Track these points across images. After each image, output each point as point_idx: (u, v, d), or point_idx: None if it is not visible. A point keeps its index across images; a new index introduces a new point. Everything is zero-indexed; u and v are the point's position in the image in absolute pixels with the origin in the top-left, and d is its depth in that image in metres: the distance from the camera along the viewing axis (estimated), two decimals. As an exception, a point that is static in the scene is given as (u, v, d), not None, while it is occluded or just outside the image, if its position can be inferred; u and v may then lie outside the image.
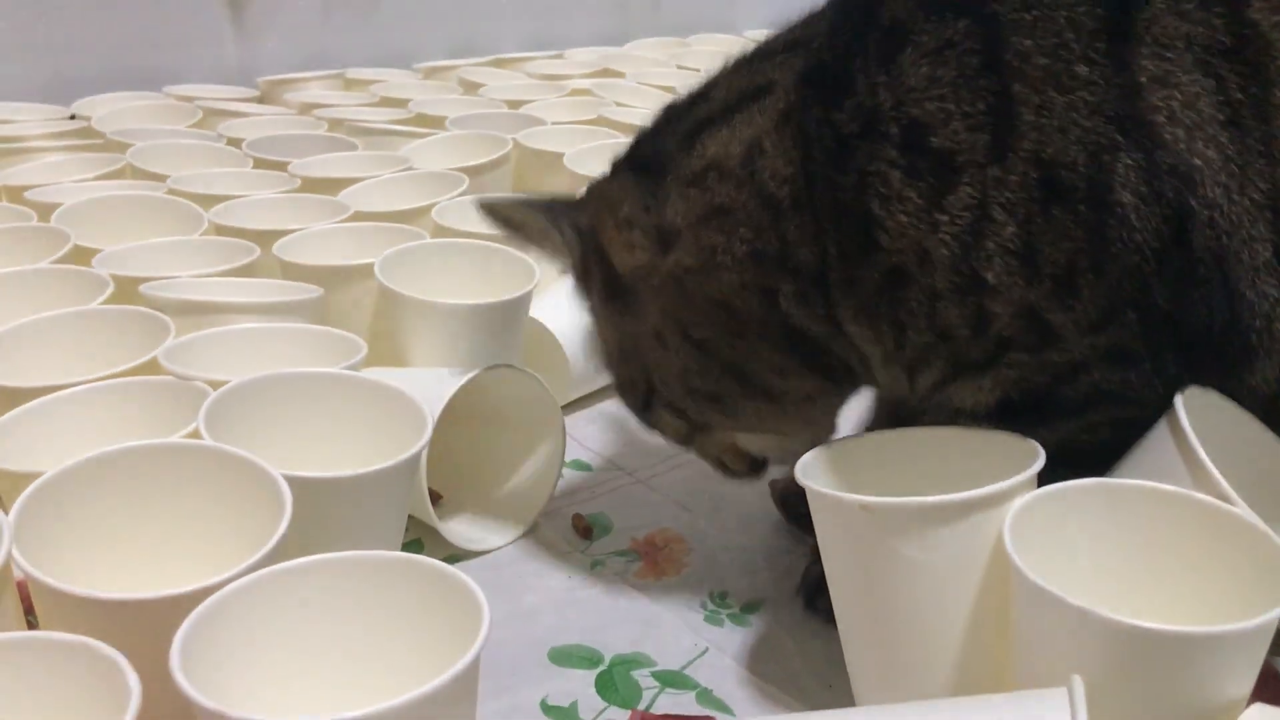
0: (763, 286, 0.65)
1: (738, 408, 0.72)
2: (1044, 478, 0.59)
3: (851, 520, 0.59)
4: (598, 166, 1.30)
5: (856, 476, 0.65)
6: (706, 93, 0.71)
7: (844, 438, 0.68)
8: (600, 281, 0.72)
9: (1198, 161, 0.57)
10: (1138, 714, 0.51)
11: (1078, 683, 0.48)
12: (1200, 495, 0.56)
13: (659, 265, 0.68)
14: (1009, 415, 0.64)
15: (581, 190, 0.77)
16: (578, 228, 0.72)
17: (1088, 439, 0.63)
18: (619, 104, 1.72)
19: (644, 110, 1.67)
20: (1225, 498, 0.56)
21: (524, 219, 0.76)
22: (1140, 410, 0.62)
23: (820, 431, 0.75)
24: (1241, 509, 0.55)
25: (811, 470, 0.63)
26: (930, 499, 0.57)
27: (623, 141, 1.42)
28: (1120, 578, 0.57)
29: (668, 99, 0.75)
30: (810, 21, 0.69)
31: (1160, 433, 0.60)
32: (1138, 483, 0.58)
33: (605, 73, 2.03)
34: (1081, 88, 0.58)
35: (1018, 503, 0.57)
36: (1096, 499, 0.58)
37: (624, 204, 0.70)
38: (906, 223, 0.60)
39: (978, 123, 0.59)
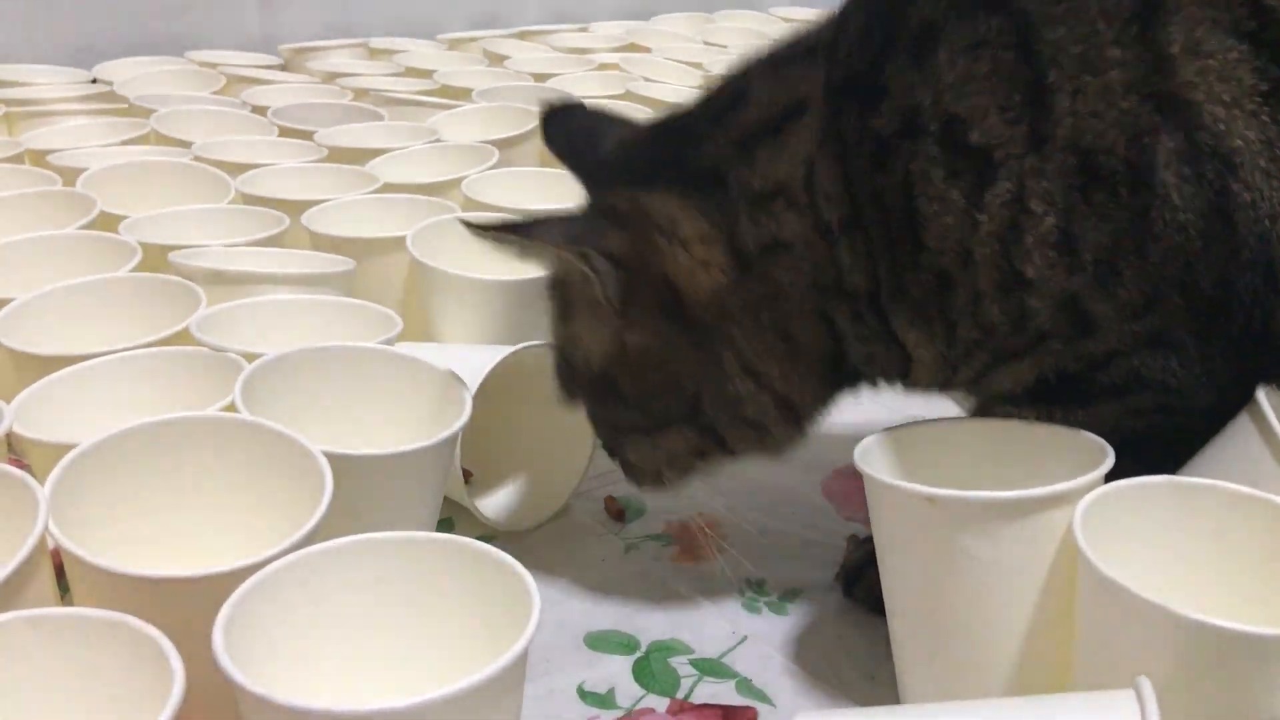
0: (822, 313, 0.65)
1: (775, 434, 0.69)
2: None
3: (913, 511, 0.57)
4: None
5: (914, 466, 0.63)
6: (742, 95, 0.67)
7: (903, 425, 0.66)
8: (656, 306, 0.66)
9: (1239, 143, 0.56)
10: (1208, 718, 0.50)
11: (1146, 684, 0.47)
12: (1276, 498, 0.54)
13: (740, 286, 0.65)
14: (1046, 396, 0.63)
15: (585, 207, 0.71)
16: (612, 255, 0.65)
17: (1133, 424, 0.62)
18: (646, 79, 1.70)
19: (672, 86, 1.66)
20: None
21: (515, 244, 0.67)
22: (1186, 399, 0.61)
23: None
24: None
25: (869, 457, 0.62)
26: (999, 494, 0.55)
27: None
28: (1188, 579, 0.56)
29: (683, 100, 0.72)
30: (824, 29, 0.68)
31: (1242, 426, 0.58)
32: (1209, 482, 0.56)
33: (631, 47, 2.01)
34: (1114, 68, 0.57)
35: (1087, 498, 0.55)
36: (1166, 497, 0.56)
37: (680, 222, 0.65)
38: (951, 224, 0.60)
39: (1015, 115, 0.58)
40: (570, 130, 0.78)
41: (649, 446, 0.72)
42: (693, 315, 0.65)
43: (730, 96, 0.68)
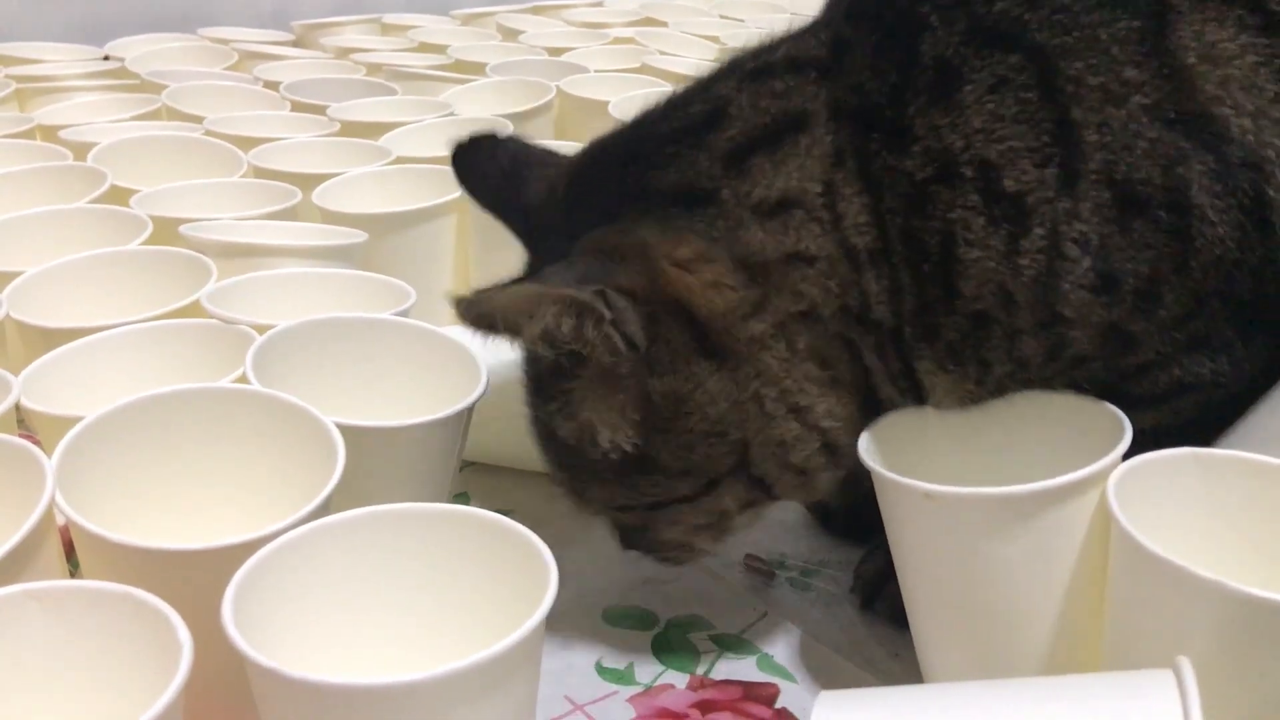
0: (851, 343, 0.61)
1: (820, 482, 0.64)
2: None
3: (917, 507, 0.56)
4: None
5: (928, 446, 0.61)
6: (718, 111, 0.63)
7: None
8: (685, 339, 0.60)
9: (1269, 153, 0.56)
10: (1248, 695, 0.48)
11: (1185, 664, 0.45)
12: None
13: (763, 305, 0.60)
14: None
15: (575, 255, 0.61)
16: (625, 290, 0.59)
17: (1171, 422, 0.61)
18: (663, 52, 1.68)
19: (688, 59, 1.64)
20: None
21: (506, 305, 0.59)
22: (1228, 392, 0.61)
23: None
24: None
25: (879, 442, 0.60)
26: (999, 490, 0.53)
27: (664, 89, 1.40)
28: (1214, 553, 0.54)
29: (637, 115, 0.67)
30: (807, 41, 0.65)
31: (1273, 401, 0.57)
32: (1235, 454, 0.55)
33: (647, 21, 1.99)
34: (1135, 92, 0.56)
35: (1118, 472, 0.53)
36: (1192, 471, 0.55)
37: (678, 245, 0.60)
38: (992, 269, 0.58)
39: (1044, 157, 0.57)
40: (486, 171, 0.73)
41: (693, 515, 0.66)
42: (720, 344, 0.60)
43: (703, 114, 0.63)
